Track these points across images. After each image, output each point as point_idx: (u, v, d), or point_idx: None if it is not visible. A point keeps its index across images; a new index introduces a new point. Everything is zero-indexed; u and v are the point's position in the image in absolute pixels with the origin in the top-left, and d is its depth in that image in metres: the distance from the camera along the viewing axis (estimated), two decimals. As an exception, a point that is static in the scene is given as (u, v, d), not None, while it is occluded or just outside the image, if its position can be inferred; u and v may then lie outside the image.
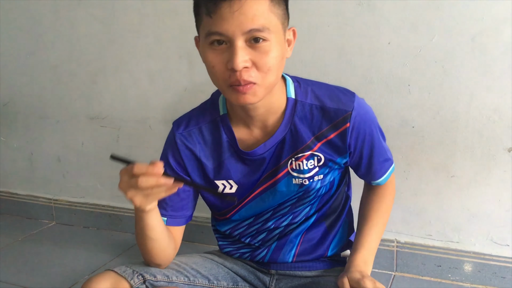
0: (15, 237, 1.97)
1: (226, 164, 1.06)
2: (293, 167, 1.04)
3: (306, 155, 1.03)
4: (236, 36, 0.85)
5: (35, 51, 1.97)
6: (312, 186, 1.06)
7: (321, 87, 1.04)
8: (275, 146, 1.03)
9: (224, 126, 1.05)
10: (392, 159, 1.14)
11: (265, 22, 0.85)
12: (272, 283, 1.15)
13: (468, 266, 1.44)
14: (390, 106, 1.44)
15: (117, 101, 1.86)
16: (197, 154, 1.07)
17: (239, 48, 0.85)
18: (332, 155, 1.03)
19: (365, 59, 1.44)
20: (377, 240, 1.10)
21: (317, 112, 1.01)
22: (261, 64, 0.87)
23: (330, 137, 1.02)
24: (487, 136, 1.36)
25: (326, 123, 1.01)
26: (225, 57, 0.87)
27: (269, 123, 1.02)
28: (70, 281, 1.59)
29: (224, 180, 1.08)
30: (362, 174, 1.12)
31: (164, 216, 1.08)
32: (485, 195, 1.40)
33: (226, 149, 1.05)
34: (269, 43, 0.87)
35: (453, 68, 1.35)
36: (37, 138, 2.08)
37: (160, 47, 1.73)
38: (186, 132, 1.07)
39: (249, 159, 1.05)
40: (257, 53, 0.87)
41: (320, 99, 1.01)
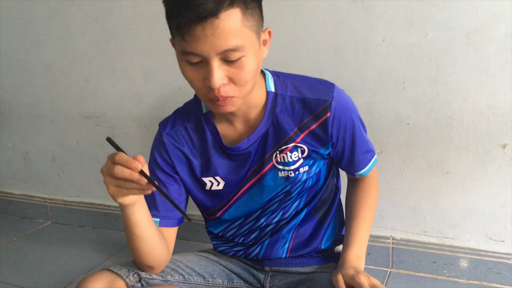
0: (11, 236, 1.97)
1: (213, 160, 1.07)
2: (278, 160, 1.05)
3: (290, 147, 1.04)
4: (211, 57, 0.85)
5: (29, 50, 1.96)
6: (298, 178, 1.06)
7: (300, 79, 1.06)
8: (259, 140, 1.04)
9: (207, 123, 1.06)
10: (374, 151, 1.15)
11: (238, 41, 0.85)
12: (267, 280, 1.15)
13: (464, 262, 1.44)
14: (385, 103, 1.44)
15: (112, 100, 1.86)
16: (185, 152, 1.08)
17: (215, 67, 0.86)
18: (315, 146, 1.04)
19: (360, 57, 1.44)
20: (367, 235, 1.11)
21: (297, 104, 1.02)
22: (238, 79, 0.89)
23: (312, 128, 1.03)
24: (481, 133, 1.36)
25: (307, 114, 1.02)
26: (202, 74, 0.88)
27: (251, 117, 1.04)
28: (66, 280, 1.58)
29: (211, 177, 1.08)
30: (345, 165, 1.12)
31: (156, 217, 1.07)
32: (480, 191, 1.40)
33: (211, 146, 1.07)
34: (244, 58, 0.87)
35: (447, 65, 1.35)
36: (32, 138, 2.07)
37: (154, 45, 1.72)
38: (172, 131, 1.08)
39: (234, 154, 1.06)
40: (233, 69, 0.87)
41: (300, 91, 1.03)
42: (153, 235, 0.99)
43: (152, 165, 1.10)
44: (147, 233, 0.98)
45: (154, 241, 1.00)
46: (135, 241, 0.98)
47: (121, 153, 0.84)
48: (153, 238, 1.00)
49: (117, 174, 0.82)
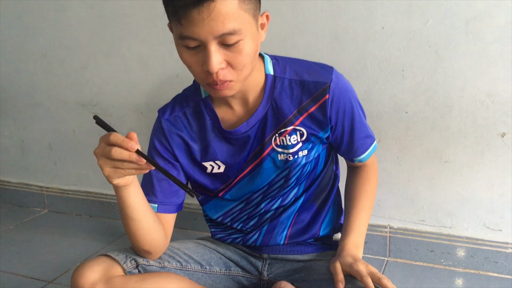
0: (7, 225, 1.96)
1: (212, 145, 1.07)
2: (277, 143, 1.05)
3: (289, 130, 1.04)
4: (209, 41, 0.84)
5: (25, 38, 1.94)
6: (297, 161, 1.06)
7: (299, 62, 1.06)
8: (258, 124, 1.04)
9: (206, 108, 1.06)
10: (374, 137, 1.15)
11: (236, 24, 0.84)
12: (265, 268, 1.15)
13: (461, 251, 1.44)
14: (384, 92, 1.43)
15: (109, 88, 1.84)
16: (184, 138, 1.08)
17: (212, 51, 0.85)
18: (314, 129, 1.04)
19: (359, 44, 1.43)
20: (365, 223, 1.11)
21: (296, 86, 1.02)
22: (236, 63, 0.88)
23: (311, 110, 1.02)
24: (480, 121, 1.36)
25: (306, 97, 1.02)
26: (200, 58, 0.87)
27: (250, 100, 1.03)
28: (63, 268, 1.58)
29: (211, 161, 1.08)
30: (344, 150, 1.12)
31: (154, 203, 1.07)
32: (478, 180, 1.40)
33: (210, 130, 1.06)
34: (242, 41, 0.86)
35: (447, 52, 1.34)
36: (28, 126, 2.06)
37: (151, 33, 1.71)
38: (172, 117, 1.08)
39: (234, 138, 1.06)
40: (231, 53, 0.87)
41: (298, 74, 1.03)
42: (148, 218, 0.99)
43: (151, 151, 1.10)
44: (142, 215, 0.97)
45: (150, 223, 1.00)
46: (131, 224, 0.97)
47: (115, 133, 0.83)
48: (148, 221, 0.99)
49: (114, 156, 0.81)
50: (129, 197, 0.93)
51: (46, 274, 1.55)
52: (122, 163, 0.83)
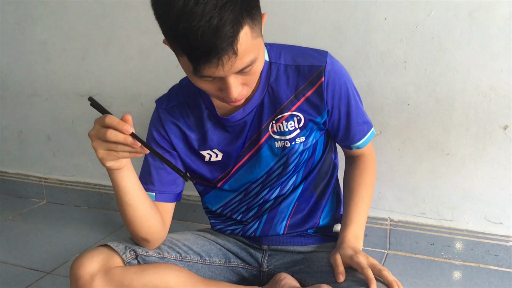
0: (5, 215, 1.95)
1: (209, 133, 1.07)
2: (274, 130, 1.04)
3: (286, 116, 1.03)
4: (228, 76, 0.83)
5: (24, 27, 1.92)
6: (294, 148, 1.06)
7: (293, 48, 1.05)
8: (254, 110, 1.04)
9: (202, 96, 1.06)
10: (372, 124, 1.14)
11: (252, 56, 0.83)
12: (265, 259, 1.14)
13: (461, 244, 1.44)
14: (386, 83, 1.42)
15: (108, 78, 1.83)
16: (181, 127, 1.08)
17: (232, 84, 0.85)
18: (311, 114, 1.04)
19: (361, 35, 1.41)
20: (365, 214, 1.10)
21: (292, 71, 1.02)
22: (251, 83, 0.90)
23: (308, 95, 1.02)
24: (482, 114, 1.35)
25: (302, 81, 1.01)
26: (217, 85, 0.87)
27: None
28: (61, 259, 1.57)
29: (209, 150, 1.08)
30: (341, 137, 1.11)
31: (151, 191, 1.07)
32: (480, 173, 1.39)
33: (207, 119, 1.06)
34: (255, 64, 0.85)
35: (449, 44, 1.33)
36: (27, 116, 2.04)
37: (151, 22, 1.68)
38: (169, 107, 1.08)
39: (230, 125, 1.05)
40: (247, 77, 0.87)
41: (293, 59, 1.02)
42: (144, 203, 0.99)
43: (149, 140, 1.10)
44: (138, 200, 0.97)
45: (146, 209, 0.99)
46: (127, 211, 0.97)
47: (110, 115, 0.82)
48: (144, 206, 0.99)
49: (109, 138, 0.81)
50: (123, 181, 0.93)
51: (45, 265, 1.54)
52: (116, 146, 0.83)
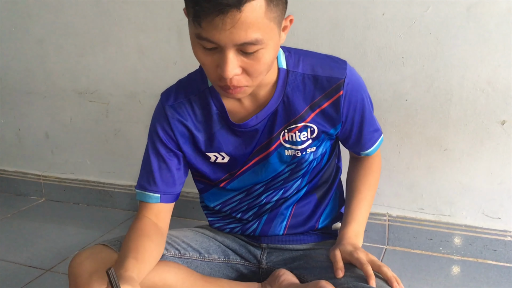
0: (4, 213, 1.95)
1: (217, 136, 1.04)
2: (285, 139, 1.02)
3: (299, 127, 1.01)
4: (228, 47, 0.80)
5: (21, 24, 1.92)
6: (305, 158, 1.04)
7: (312, 56, 1.02)
8: (267, 118, 1.01)
9: (213, 98, 1.02)
10: (381, 130, 1.13)
11: (259, 34, 0.79)
12: (263, 256, 1.14)
13: (460, 239, 1.44)
14: (383, 79, 1.42)
15: (106, 75, 1.83)
16: (188, 126, 1.04)
17: (229, 58, 0.81)
18: (325, 126, 1.02)
19: (359, 31, 1.41)
20: (366, 213, 1.10)
21: (309, 81, 0.99)
22: (252, 71, 0.85)
23: (324, 107, 1.00)
24: (480, 109, 1.35)
25: (319, 93, 0.99)
26: (216, 60, 0.84)
27: (260, 95, 1.00)
28: (60, 257, 1.57)
29: (216, 152, 1.06)
30: (352, 144, 1.10)
31: (156, 193, 1.05)
32: (478, 168, 1.39)
33: (216, 121, 1.03)
34: (262, 50, 0.82)
35: (447, 39, 1.33)
36: (25, 114, 2.04)
37: (149, 19, 1.69)
38: (176, 104, 1.04)
39: (241, 131, 1.03)
40: (249, 61, 0.83)
41: (312, 68, 0.99)
42: (156, 260, 0.98)
43: (153, 137, 1.06)
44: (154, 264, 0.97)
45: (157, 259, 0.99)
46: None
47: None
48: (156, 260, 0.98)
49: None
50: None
51: (44, 262, 1.54)
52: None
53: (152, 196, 1.05)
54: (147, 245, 0.95)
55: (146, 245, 0.95)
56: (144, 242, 0.95)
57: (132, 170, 1.89)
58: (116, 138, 1.88)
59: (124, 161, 1.89)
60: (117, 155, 1.90)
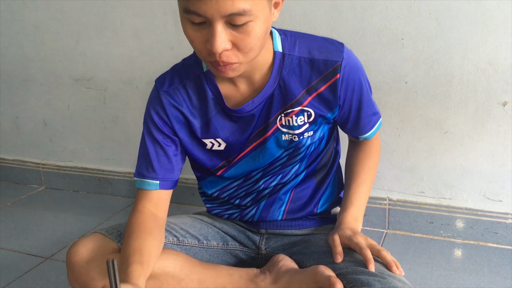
0: (4, 202, 1.95)
1: (213, 122, 1.02)
2: (282, 123, 1.01)
3: (296, 111, 1.00)
4: (215, 19, 0.79)
5: (16, 11, 1.89)
6: (302, 142, 1.03)
7: (308, 38, 1.00)
8: (263, 102, 0.99)
9: (208, 83, 1.01)
10: (380, 113, 1.11)
11: (246, 4, 0.78)
12: (262, 242, 1.14)
13: (460, 222, 1.43)
14: (383, 61, 1.40)
15: (102, 62, 1.81)
16: (184, 112, 1.02)
17: (218, 31, 0.80)
18: (322, 110, 1.00)
19: (357, 12, 1.39)
20: (365, 197, 1.09)
21: (305, 65, 0.97)
22: (243, 46, 0.83)
23: (321, 90, 0.98)
24: (481, 90, 1.33)
25: (316, 76, 0.97)
26: (204, 35, 0.82)
27: (256, 79, 0.98)
28: (60, 244, 1.57)
29: (212, 139, 1.04)
30: (350, 128, 1.09)
31: (155, 179, 1.03)
32: (479, 150, 1.38)
33: (212, 106, 1.01)
34: (251, 23, 0.81)
35: (447, 20, 1.31)
36: (22, 102, 2.03)
37: (145, 4, 1.66)
38: (171, 89, 1.02)
39: (237, 116, 1.01)
40: (238, 34, 0.81)
41: (308, 51, 0.97)
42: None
43: (148, 123, 1.04)
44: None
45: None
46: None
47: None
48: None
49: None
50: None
51: (44, 250, 1.54)
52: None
53: (151, 183, 1.03)
54: (150, 245, 0.94)
55: (149, 245, 0.93)
56: (146, 240, 0.94)
57: (130, 156, 1.88)
58: (114, 124, 1.87)
59: (123, 147, 1.88)
60: (116, 141, 1.89)
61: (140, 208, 1.02)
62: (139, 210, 1.01)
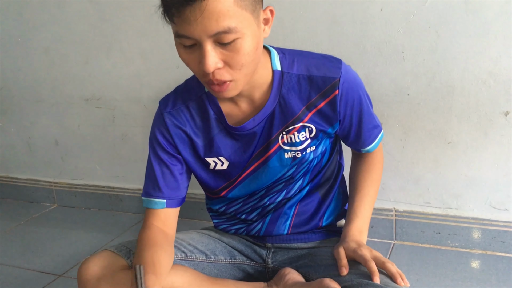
0: (18, 221, 1.98)
1: (216, 140, 1.04)
2: (284, 141, 1.03)
3: (297, 127, 1.01)
4: (203, 40, 0.82)
5: (26, 34, 1.95)
6: (305, 158, 1.05)
7: (306, 56, 1.02)
8: (264, 120, 1.01)
9: (210, 102, 1.03)
10: (381, 126, 1.12)
11: (231, 22, 0.81)
12: (269, 256, 1.15)
13: (467, 232, 1.44)
14: (384, 74, 1.42)
15: (111, 81, 1.85)
16: (187, 132, 1.05)
17: (208, 51, 0.82)
18: (323, 126, 1.02)
19: (358, 27, 1.41)
20: (370, 209, 1.10)
21: (304, 82, 0.99)
22: (234, 63, 0.85)
23: (320, 106, 1.00)
24: (483, 101, 1.34)
25: (315, 93, 0.99)
26: (197, 57, 0.85)
27: (256, 97, 1.00)
28: (73, 261, 1.60)
29: (215, 157, 1.06)
30: (351, 142, 1.10)
31: (162, 198, 1.06)
32: (483, 160, 1.39)
33: (214, 125, 1.04)
34: (240, 40, 0.83)
35: (447, 32, 1.32)
36: (34, 122, 2.07)
37: (150, 25, 1.70)
38: (174, 110, 1.05)
39: (239, 135, 1.03)
40: (228, 52, 0.84)
41: (306, 69, 0.99)
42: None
43: (153, 144, 1.07)
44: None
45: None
46: None
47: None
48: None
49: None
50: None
51: (57, 267, 1.57)
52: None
53: (158, 202, 1.06)
54: (162, 257, 0.96)
55: (160, 257, 0.95)
56: (158, 253, 0.96)
57: (139, 173, 1.90)
58: (123, 142, 1.91)
59: (132, 164, 1.91)
60: (125, 159, 1.93)
61: (149, 225, 1.05)
62: (148, 227, 1.04)
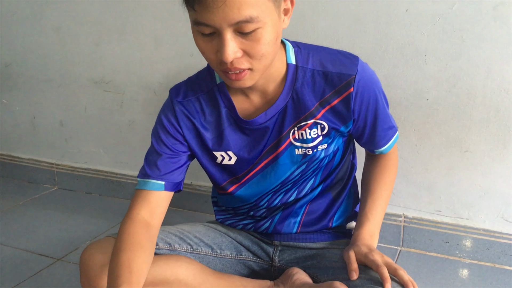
0: (17, 200, 1.96)
1: (226, 134, 1.02)
2: (295, 137, 1.00)
3: (309, 124, 0.99)
4: (224, 28, 0.79)
5: (37, 12, 1.91)
6: (316, 155, 1.02)
7: (322, 51, 0.99)
8: (277, 115, 0.99)
9: (222, 95, 1.00)
10: (396, 127, 1.09)
11: (253, 11, 0.78)
12: (276, 254, 1.12)
13: (477, 243, 1.41)
14: (404, 77, 1.39)
15: (122, 65, 1.81)
16: (195, 124, 1.02)
17: (227, 40, 0.80)
18: (336, 123, 0.99)
19: (381, 27, 1.38)
20: (382, 213, 1.07)
21: (319, 77, 0.96)
22: (253, 53, 0.83)
23: (334, 103, 0.97)
24: (503, 111, 1.31)
25: (329, 89, 0.96)
26: (215, 45, 0.83)
27: (269, 91, 0.98)
28: (72, 246, 1.57)
29: (223, 152, 1.03)
30: (365, 142, 1.07)
31: (160, 180, 1.01)
32: (499, 171, 1.36)
33: (225, 118, 1.01)
34: (260, 29, 0.81)
35: (472, 38, 1.29)
36: (40, 102, 2.04)
37: (166, 10, 1.67)
38: (185, 101, 1.02)
39: (250, 129, 1.00)
40: (248, 42, 0.82)
41: (322, 64, 0.97)
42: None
43: (158, 130, 1.04)
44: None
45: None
46: None
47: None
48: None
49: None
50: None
51: (55, 251, 1.54)
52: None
53: (156, 184, 1.01)
54: (140, 260, 0.90)
55: (139, 260, 0.90)
56: (137, 256, 0.90)
57: (145, 161, 1.88)
58: (130, 128, 1.87)
59: (138, 152, 1.88)
60: (131, 146, 1.90)
61: (134, 215, 0.98)
62: (132, 218, 0.98)
